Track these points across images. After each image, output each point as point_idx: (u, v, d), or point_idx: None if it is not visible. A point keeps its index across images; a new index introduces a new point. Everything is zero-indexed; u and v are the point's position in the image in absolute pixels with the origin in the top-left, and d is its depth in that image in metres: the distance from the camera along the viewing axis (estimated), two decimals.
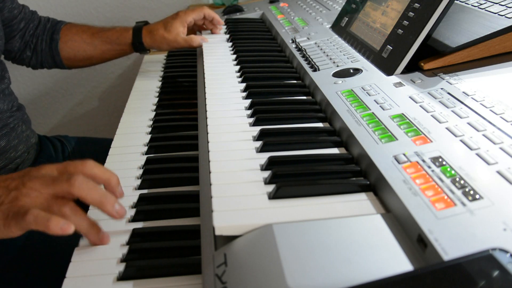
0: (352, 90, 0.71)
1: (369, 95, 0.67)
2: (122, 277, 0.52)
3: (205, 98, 0.78)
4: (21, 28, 1.06)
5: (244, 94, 0.80)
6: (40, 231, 0.51)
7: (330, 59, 0.85)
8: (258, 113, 0.71)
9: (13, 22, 1.04)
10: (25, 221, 0.51)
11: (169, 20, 1.06)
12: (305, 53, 0.90)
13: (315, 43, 0.95)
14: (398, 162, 0.51)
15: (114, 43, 1.10)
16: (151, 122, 0.90)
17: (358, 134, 0.59)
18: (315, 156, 0.61)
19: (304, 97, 0.80)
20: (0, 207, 0.53)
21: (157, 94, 1.05)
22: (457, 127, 0.55)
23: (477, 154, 0.50)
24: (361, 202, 0.51)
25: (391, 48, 0.75)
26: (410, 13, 0.75)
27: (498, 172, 0.46)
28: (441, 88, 0.65)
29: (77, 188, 0.53)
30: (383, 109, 0.63)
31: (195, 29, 1.18)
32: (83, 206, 0.58)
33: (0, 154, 0.91)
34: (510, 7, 0.73)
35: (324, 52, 0.89)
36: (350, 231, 0.45)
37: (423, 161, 0.50)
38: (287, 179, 0.55)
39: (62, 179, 0.54)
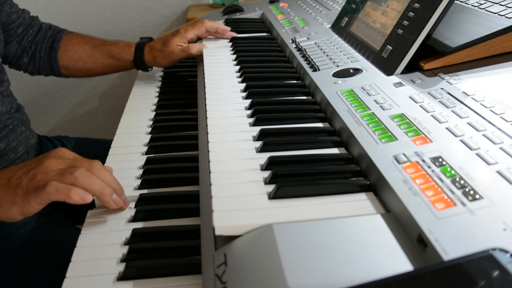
0: (352, 90, 0.71)
1: (369, 95, 0.67)
2: (122, 277, 0.52)
3: (205, 98, 0.78)
4: (18, 34, 1.05)
5: (244, 94, 0.80)
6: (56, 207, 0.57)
7: (330, 59, 0.85)
8: (258, 113, 0.71)
9: (11, 27, 1.03)
10: (46, 193, 0.56)
11: (169, 36, 1.04)
12: (305, 53, 0.90)
13: (315, 43, 0.95)
14: (398, 162, 0.51)
15: (115, 58, 1.08)
16: (151, 122, 0.90)
17: (358, 134, 0.59)
18: (315, 156, 0.61)
19: (304, 97, 0.80)
20: (19, 186, 0.58)
21: (157, 94, 1.05)
22: (457, 127, 0.55)
23: (477, 154, 0.49)
24: (361, 202, 0.51)
25: (391, 48, 0.75)
26: (410, 13, 0.75)
27: (498, 172, 0.46)
28: (441, 88, 0.65)
29: (98, 169, 0.60)
30: (383, 109, 0.63)
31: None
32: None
33: (0, 156, 0.90)
34: (510, 7, 0.73)
35: (324, 52, 0.89)
36: (350, 231, 0.45)
37: (423, 161, 0.50)
38: (287, 179, 0.55)
39: (82, 160, 0.61)
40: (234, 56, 1.00)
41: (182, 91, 1.07)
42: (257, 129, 0.67)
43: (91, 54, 1.09)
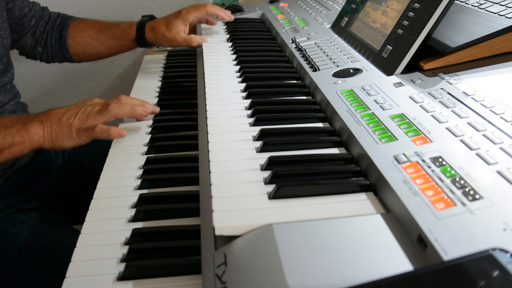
0: (352, 90, 0.71)
1: (369, 95, 0.67)
2: (122, 277, 0.52)
3: (205, 98, 0.78)
4: (32, 25, 1.09)
5: (244, 94, 0.80)
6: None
7: (330, 59, 0.85)
8: (258, 113, 0.71)
9: (24, 20, 1.07)
10: (94, 132, 0.77)
11: (171, 18, 1.07)
12: (305, 53, 0.90)
13: (315, 43, 0.95)
14: (398, 162, 0.51)
15: (119, 39, 1.12)
16: (151, 122, 0.90)
17: (358, 134, 0.59)
18: (315, 156, 0.61)
19: (304, 97, 0.80)
20: (72, 124, 0.77)
21: (157, 94, 1.05)
22: (457, 127, 0.55)
23: (477, 154, 0.49)
24: (361, 202, 0.51)
25: (391, 48, 0.75)
26: (410, 13, 0.75)
27: (498, 172, 0.46)
28: (441, 88, 0.65)
29: (124, 99, 0.81)
30: (383, 109, 0.63)
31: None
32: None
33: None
34: (510, 7, 0.73)
35: (324, 52, 0.89)
36: (350, 231, 0.45)
37: (423, 161, 0.50)
38: (287, 179, 0.55)
39: (112, 99, 0.80)
40: (234, 56, 1.00)
41: (182, 91, 1.07)
42: (257, 129, 0.67)
43: (97, 38, 1.13)
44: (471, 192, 0.44)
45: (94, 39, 1.13)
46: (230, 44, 1.09)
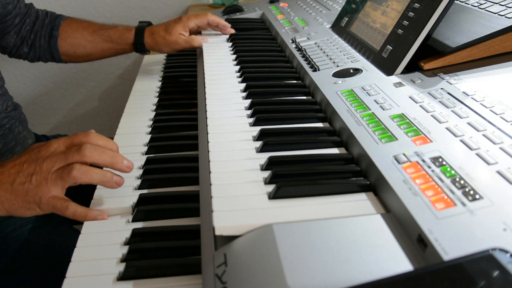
0: (352, 90, 0.71)
1: (369, 95, 0.67)
2: (122, 277, 0.52)
3: (205, 98, 0.78)
4: (16, 24, 1.05)
5: (244, 94, 0.80)
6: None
7: (330, 59, 0.85)
8: (258, 113, 0.71)
9: (7, 18, 1.02)
10: (58, 210, 0.60)
11: (171, 23, 1.07)
12: (305, 53, 0.90)
13: (315, 43, 0.95)
14: (398, 162, 0.51)
15: (115, 42, 1.09)
16: (151, 122, 0.90)
17: (358, 134, 0.59)
18: (315, 156, 0.61)
19: (304, 97, 0.80)
20: (28, 193, 0.60)
21: (157, 94, 1.05)
22: (457, 127, 0.55)
23: (477, 154, 0.49)
24: (361, 202, 0.51)
25: (391, 48, 0.75)
26: (410, 13, 0.75)
27: (498, 172, 0.46)
28: (441, 88, 0.65)
29: (88, 156, 0.60)
30: (383, 109, 0.63)
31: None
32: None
33: None
34: (510, 7, 0.73)
35: (324, 52, 0.89)
36: (350, 231, 0.45)
37: (423, 161, 0.50)
38: (287, 179, 0.55)
39: (73, 151, 0.60)
40: (234, 56, 1.00)
41: (182, 91, 1.07)
42: (257, 129, 0.67)
43: (91, 40, 1.10)
44: (471, 192, 0.44)
45: (87, 40, 1.10)
46: (230, 44, 1.09)
